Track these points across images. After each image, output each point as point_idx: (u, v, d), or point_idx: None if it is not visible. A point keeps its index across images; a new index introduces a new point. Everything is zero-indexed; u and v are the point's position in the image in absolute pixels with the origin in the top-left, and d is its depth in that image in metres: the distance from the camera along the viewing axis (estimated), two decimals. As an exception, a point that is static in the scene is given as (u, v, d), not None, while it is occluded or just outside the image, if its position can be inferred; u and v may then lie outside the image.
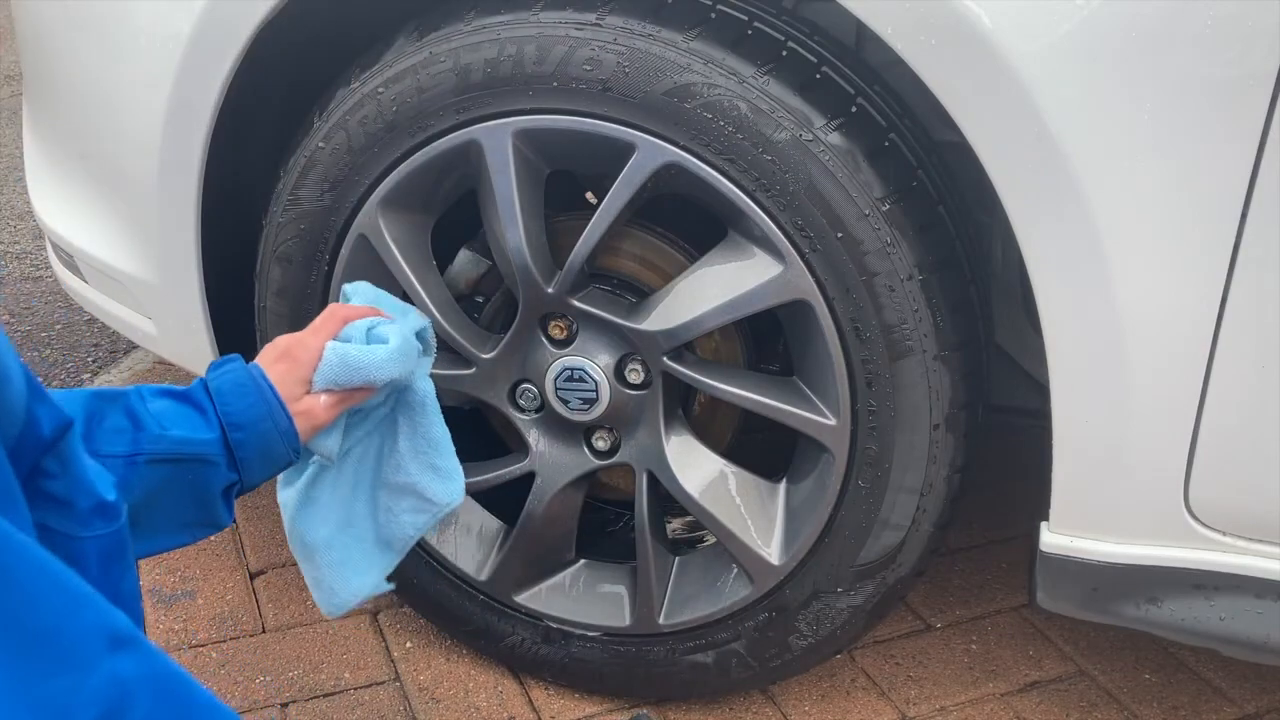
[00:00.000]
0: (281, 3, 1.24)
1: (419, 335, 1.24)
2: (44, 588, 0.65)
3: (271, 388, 1.09)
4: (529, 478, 1.44)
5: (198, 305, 1.48)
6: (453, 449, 1.25)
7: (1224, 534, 1.16)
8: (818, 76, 1.19)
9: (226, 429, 1.06)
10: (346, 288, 1.28)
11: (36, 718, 0.62)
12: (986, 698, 1.56)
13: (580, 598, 1.50)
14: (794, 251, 1.20)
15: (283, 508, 1.24)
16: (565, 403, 1.38)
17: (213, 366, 1.12)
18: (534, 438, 1.43)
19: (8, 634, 0.62)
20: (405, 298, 1.38)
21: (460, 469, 1.26)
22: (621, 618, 1.47)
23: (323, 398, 1.13)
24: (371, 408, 1.22)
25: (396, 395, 1.23)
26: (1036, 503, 1.22)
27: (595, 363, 1.35)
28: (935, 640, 1.67)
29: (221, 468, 1.05)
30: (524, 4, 1.22)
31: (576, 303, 1.32)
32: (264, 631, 1.65)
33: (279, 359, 1.13)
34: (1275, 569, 1.16)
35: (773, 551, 1.36)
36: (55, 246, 1.69)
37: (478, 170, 1.28)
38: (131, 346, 2.40)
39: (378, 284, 1.39)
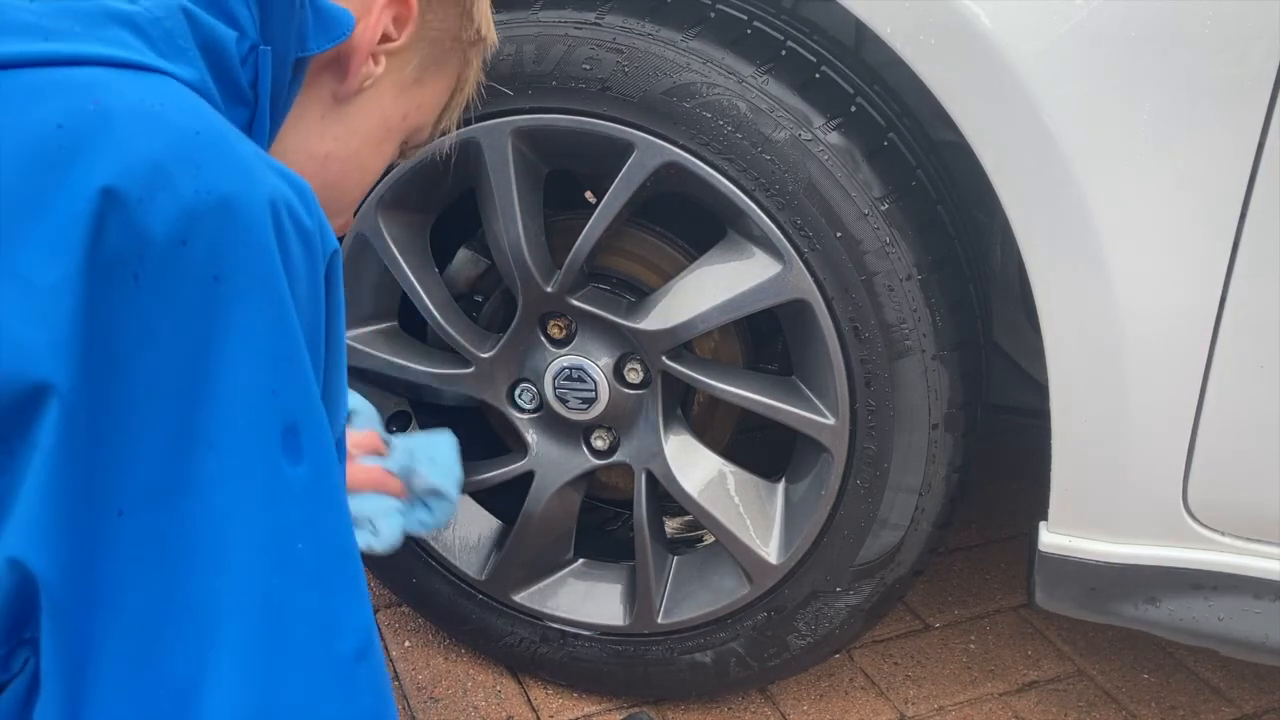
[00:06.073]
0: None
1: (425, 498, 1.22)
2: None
3: None
4: (527, 477, 1.44)
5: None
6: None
7: (1222, 534, 1.16)
8: (817, 76, 1.19)
9: None
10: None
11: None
12: (985, 697, 1.56)
13: (579, 597, 1.50)
14: (793, 251, 1.20)
15: None
16: (564, 402, 1.37)
17: None
18: (533, 437, 1.43)
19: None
20: (404, 296, 1.39)
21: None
22: (620, 617, 1.47)
23: None
24: None
25: None
26: (1035, 502, 1.22)
27: (594, 362, 1.35)
28: (934, 640, 1.67)
29: None
30: (523, 3, 1.22)
31: (575, 302, 1.32)
32: (262, 630, 1.65)
33: None
34: (1273, 569, 1.16)
35: (771, 551, 1.36)
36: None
37: (476, 169, 1.28)
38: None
39: (375, 282, 1.39)
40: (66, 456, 0.59)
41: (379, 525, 1.17)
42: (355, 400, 1.23)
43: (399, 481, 1.19)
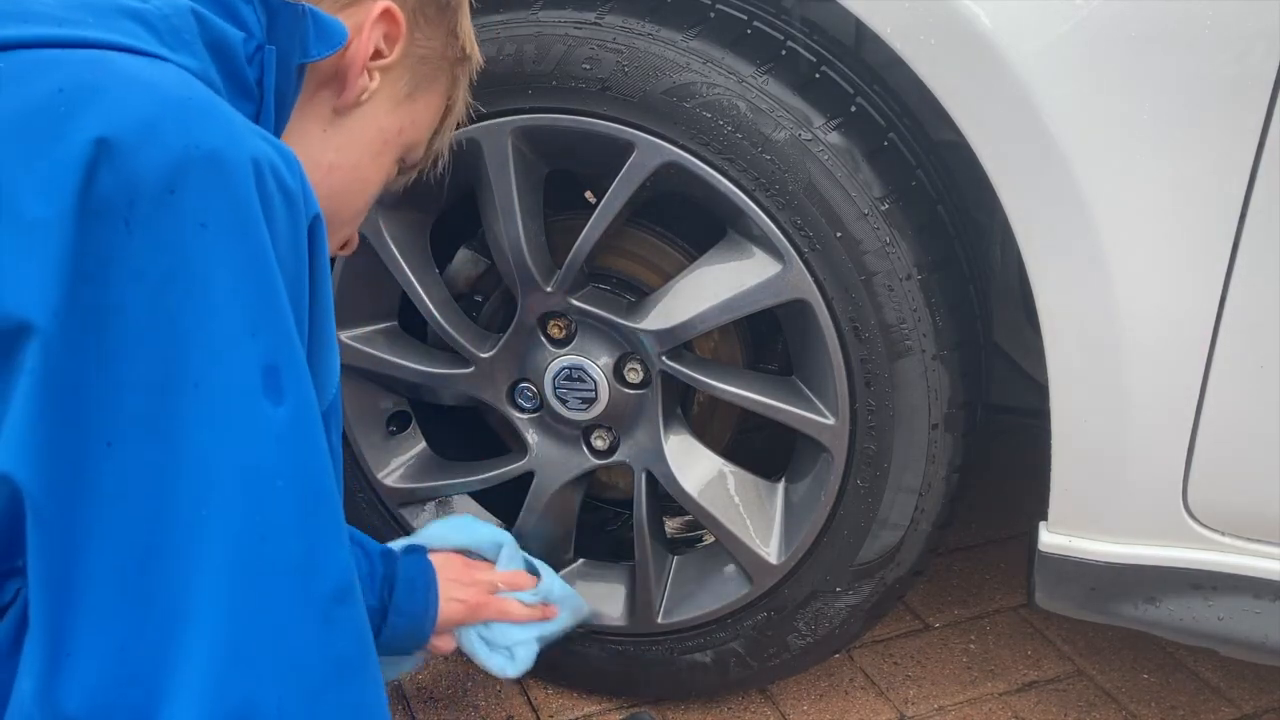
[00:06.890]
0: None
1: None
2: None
3: (435, 614, 1.21)
4: (527, 477, 1.44)
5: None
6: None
7: (1222, 534, 1.16)
8: (817, 76, 1.19)
9: (389, 610, 1.17)
10: (430, 531, 1.34)
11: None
12: (985, 697, 1.56)
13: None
14: (793, 251, 1.20)
15: None
16: (564, 402, 1.37)
17: (406, 550, 1.24)
18: (532, 437, 1.43)
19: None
20: (404, 296, 1.39)
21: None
22: (620, 617, 1.47)
23: (453, 644, 1.28)
24: None
25: None
26: (1035, 502, 1.22)
27: (594, 362, 1.35)
28: (934, 640, 1.67)
29: None
30: (523, 3, 1.22)
31: (575, 302, 1.32)
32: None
33: (459, 599, 1.25)
34: (1273, 569, 1.16)
35: (771, 551, 1.36)
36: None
37: (476, 169, 1.28)
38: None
39: (375, 282, 1.39)
40: (49, 381, 0.62)
41: (516, 653, 1.30)
42: (503, 535, 1.35)
43: (540, 612, 1.32)
